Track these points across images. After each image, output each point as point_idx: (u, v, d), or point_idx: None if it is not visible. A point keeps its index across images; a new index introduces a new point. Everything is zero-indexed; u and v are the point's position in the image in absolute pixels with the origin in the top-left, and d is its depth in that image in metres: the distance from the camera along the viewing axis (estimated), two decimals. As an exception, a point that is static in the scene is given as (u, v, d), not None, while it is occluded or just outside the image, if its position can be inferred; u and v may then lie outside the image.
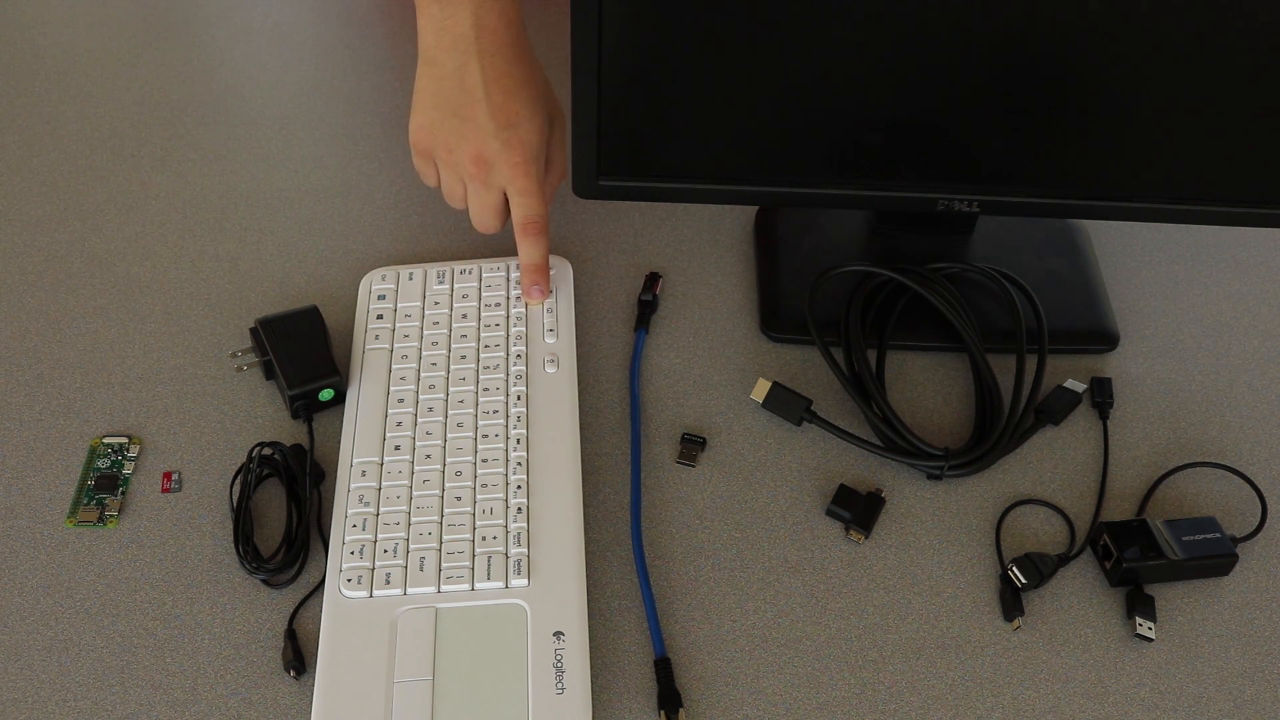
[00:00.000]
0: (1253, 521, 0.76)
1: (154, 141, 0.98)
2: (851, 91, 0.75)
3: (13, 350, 0.83)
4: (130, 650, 0.69)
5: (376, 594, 0.69)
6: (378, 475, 0.74)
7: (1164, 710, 0.68)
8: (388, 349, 0.81)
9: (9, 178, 0.95)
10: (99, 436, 0.78)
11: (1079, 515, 0.76)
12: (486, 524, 0.72)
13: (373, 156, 0.97)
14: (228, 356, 0.83)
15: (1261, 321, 0.88)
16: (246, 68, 1.05)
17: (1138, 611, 0.71)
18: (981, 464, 0.77)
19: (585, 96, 0.76)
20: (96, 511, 0.74)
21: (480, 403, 0.78)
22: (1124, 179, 0.79)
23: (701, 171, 0.80)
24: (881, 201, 0.81)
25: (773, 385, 0.80)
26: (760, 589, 0.72)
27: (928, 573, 0.73)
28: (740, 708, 0.68)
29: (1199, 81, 0.73)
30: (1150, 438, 0.81)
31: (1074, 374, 0.84)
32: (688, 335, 0.86)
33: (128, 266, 0.89)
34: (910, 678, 0.69)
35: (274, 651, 0.69)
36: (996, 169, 0.79)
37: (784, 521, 0.76)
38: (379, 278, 0.85)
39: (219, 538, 0.74)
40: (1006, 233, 0.90)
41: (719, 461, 0.78)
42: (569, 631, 0.68)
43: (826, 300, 0.85)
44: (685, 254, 0.91)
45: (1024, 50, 0.72)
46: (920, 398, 0.82)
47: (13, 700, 0.67)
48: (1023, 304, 0.85)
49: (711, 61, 0.74)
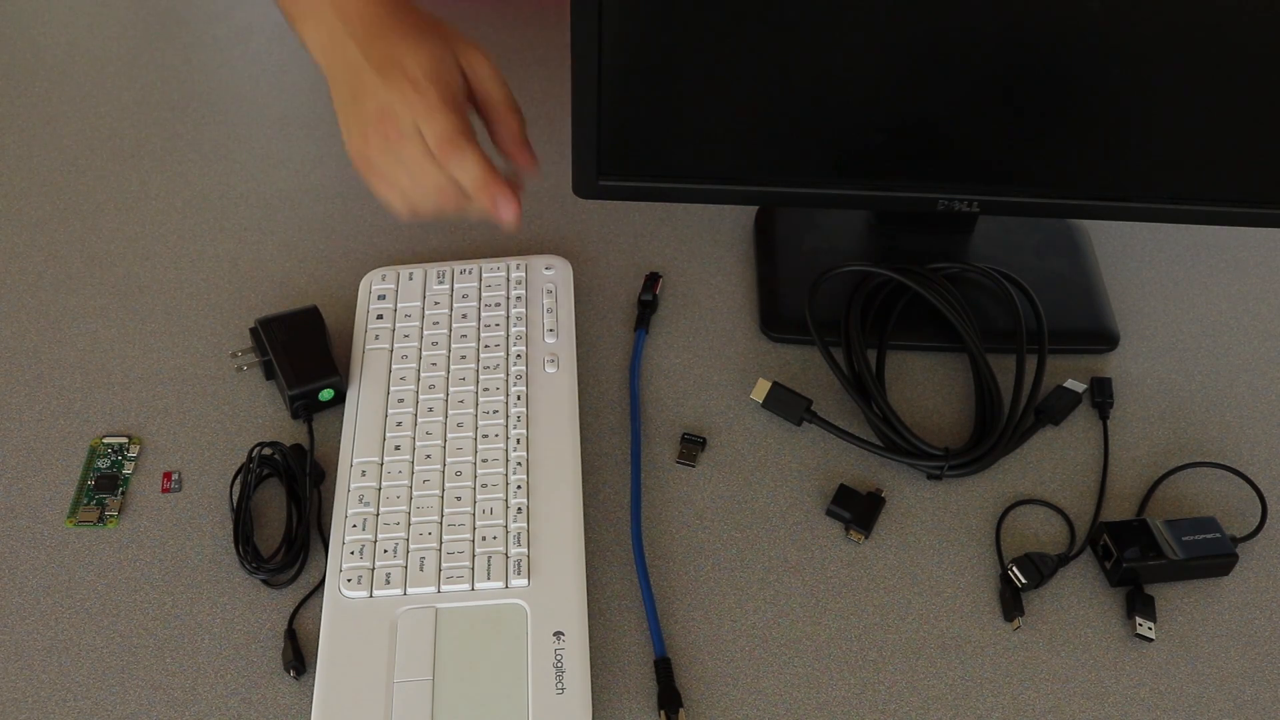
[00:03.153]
0: (1253, 521, 0.76)
1: (154, 141, 0.98)
2: (851, 91, 0.75)
3: (13, 350, 0.83)
4: (130, 650, 0.69)
5: (376, 594, 0.69)
6: (378, 475, 0.74)
7: (1164, 710, 0.68)
8: (388, 349, 0.81)
9: (9, 178, 0.95)
10: (99, 436, 0.78)
11: (1079, 515, 0.76)
12: (486, 524, 0.72)
13: (373, 156, 0.97)
14: (228, 356, 0.83)
15: (1261, 321, 0.88)
16: (246, 68, 1.05)
17: (1138, 611, 0.71)
18: (981, 464, 0.77)
19: (585, 96, 0.76)
20: (96, 511, 0.74)
21: (480, 403, 0.78)
22: (1124, 179, 0.79)
23: (701, 171, 0.80)
24: (881, 201, 0.81)
25: (773, 385, 0.80)
26: (760, 589, 0.72)
27: (928, 573, 0.73)
28: (740, 708, 0.68)
29: (1199, 81, 0.73)
30: (1150, 438, 0.81)
31: (1074, 374, 0.84)
32: (688, 335, 0.86)
33: (128, 266, 0.89)
34: (910, 678, 0.69)
35: (274, 651, 0.69)
36: (996, 169, 0.79)
37: (784, 521, 0.76)
38: (379, 278, 0.85)
39: (219, 538, 0.74)
40: (1006, 233, 0.90)
41: (719, 461, 0.78)
42: (569, 631, 0.68)
43: (826, 300, 0.85)
44: (685, 254, 0.91)
45: (1024, 50, 0.72)
46: (920, 398, 0.82)
47: (13, 700, 0.67)
48: (1023, 304, 0.85)
49: (711, 61, 0.74)
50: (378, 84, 0.72)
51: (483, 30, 1.08)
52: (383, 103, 0.72)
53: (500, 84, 0.77)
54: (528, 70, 1.05)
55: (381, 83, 0.72)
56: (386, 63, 0.72)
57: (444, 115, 0.72)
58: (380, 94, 0.72)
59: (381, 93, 0.72)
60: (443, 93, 0.73)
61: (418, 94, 0.72)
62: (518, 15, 1.11)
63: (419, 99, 0.72)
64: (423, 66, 0.72)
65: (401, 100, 0.72)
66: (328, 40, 0.74)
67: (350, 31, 0.73)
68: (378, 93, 0.72)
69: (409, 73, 0.72)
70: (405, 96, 0.72)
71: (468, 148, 0.72)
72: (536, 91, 1.03)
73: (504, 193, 0.72)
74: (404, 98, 0.72)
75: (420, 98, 0.72)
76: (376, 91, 0.72)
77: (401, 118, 0.72)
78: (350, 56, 0.73)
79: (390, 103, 0.72)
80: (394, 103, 0.72)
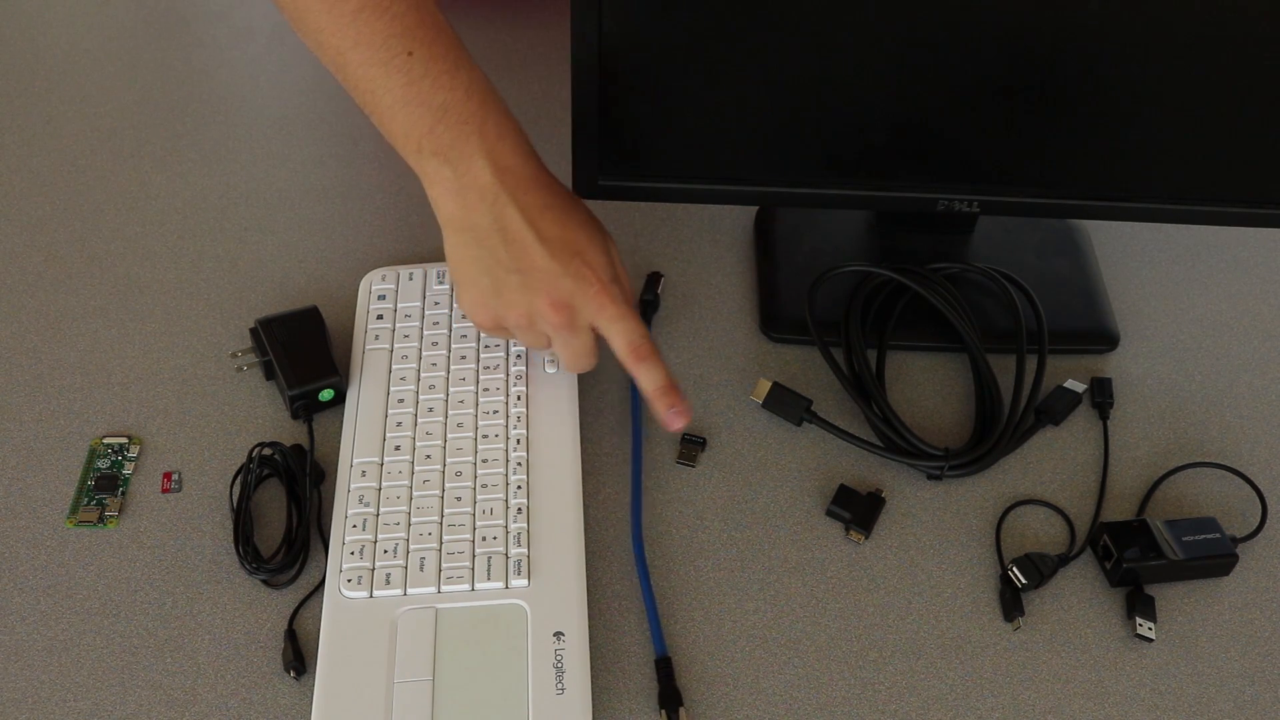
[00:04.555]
0: (1253, 521, 0.76)
1: (154, 141, 0.98)
2: (851, 91, 0.75)
3: (13, 350, 0.83)
4: (130, 650, 0.69)
5: (376, 594, 0.69)
6: (378, 475, 0.74)
7: (1164, 710, 0.68)
8: (388, 349, 0.81)
9: (9, 178, 0.95)
10: (99, 436, 0.78)
11: (1079, 515, 0.76)
12: (486, 524, 0.72)
13: (373, 156, 0.97)
14: (228, 356, 0.83)
15: (1261, 321, 0.88)
16: (246, 68, 1.05)
17: (1138, 611, 0.71)
18: (981, 464, 0.77)
19: (585, 96, 0.76)
20: (96, 511, 0.74)
21: (480, 403, 0.78)
22: (1124, 179, 0.79)
23: (701, 171, 0.80)
24: (881, 201, 0.81)
25: (773, 385, 0.80)
26: (760, 589, 0.72)
27: (928, 573, 0.73)
28: (741, 707, 0.68)
29: (1199, 81, 0.73)
30: (1150, 438, 0.81)
31: (1074, 374, 0.84)
32: (688, 335, 0.86)
33: (128, 266, 0.89)
34: (910, 678, 0.69)
35: (274, 652, 0.69)
36: (996, 169, 0.79)
37: (784, 521, 0.76)
38: (379, 278, 0.85)
39: (219, 538, 0.74)
40: (1006, 233, 0.90)
41: (719, 462, 0.78)
42: (569, 631, 0.68)
43: (826, 300, 0.85)
44: (685, 254, 0.91)
45: (1024, 50, 0.72)
46: (920, 398, 0.82)
47: (13, 700, 0.67)
48: (1023, 304, 0.85)
49: (711, 61, 0.74)
50: (556, 272, 0.71)
51: (483, 30, 1.08)
52: (560, 294, 0.71)
53: (626, 280, 0.76)
54: (528, 70, 1.05)
55: (561, 271, 0.71)
56: (564, 250, 0.71)
57: (635, 322, 0.72)
58: (561, 284, 0.71)
59: (564, 282, 0.71)
60: (625, 293, 0.73)
61: (606, 295, 0.71)
62: (518, 15, 1.11)
63: (607, 300, 0.71)
64: (601, 260, 0.72)
65: (582, 294, 0.71)
66: (476, 199, 0.70)
67: (510, 192, 0.70)
68: (558, 283, 0.71)
69: (591, 264, 0.71)
70: (586, 290, 0.71)
71: (656, 357, 0.73)
72: (536, 91, 1.03)
73: (679, 405, 0.73)
74: (585, 291, 0.71)
75: (609, 299, 0.72)
76: (556, 281, 0.71)
77: (580, 313, 0.72)
78: (511, 226, 0.70)
79: (569, 293, 0.71)
80: (574, 294, 0.71)
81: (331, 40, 0.67)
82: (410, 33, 0.66)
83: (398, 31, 0.66)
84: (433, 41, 0.67)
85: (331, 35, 0.66)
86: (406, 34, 0.66)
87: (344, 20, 0.66)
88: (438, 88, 0.67)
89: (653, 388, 0.73)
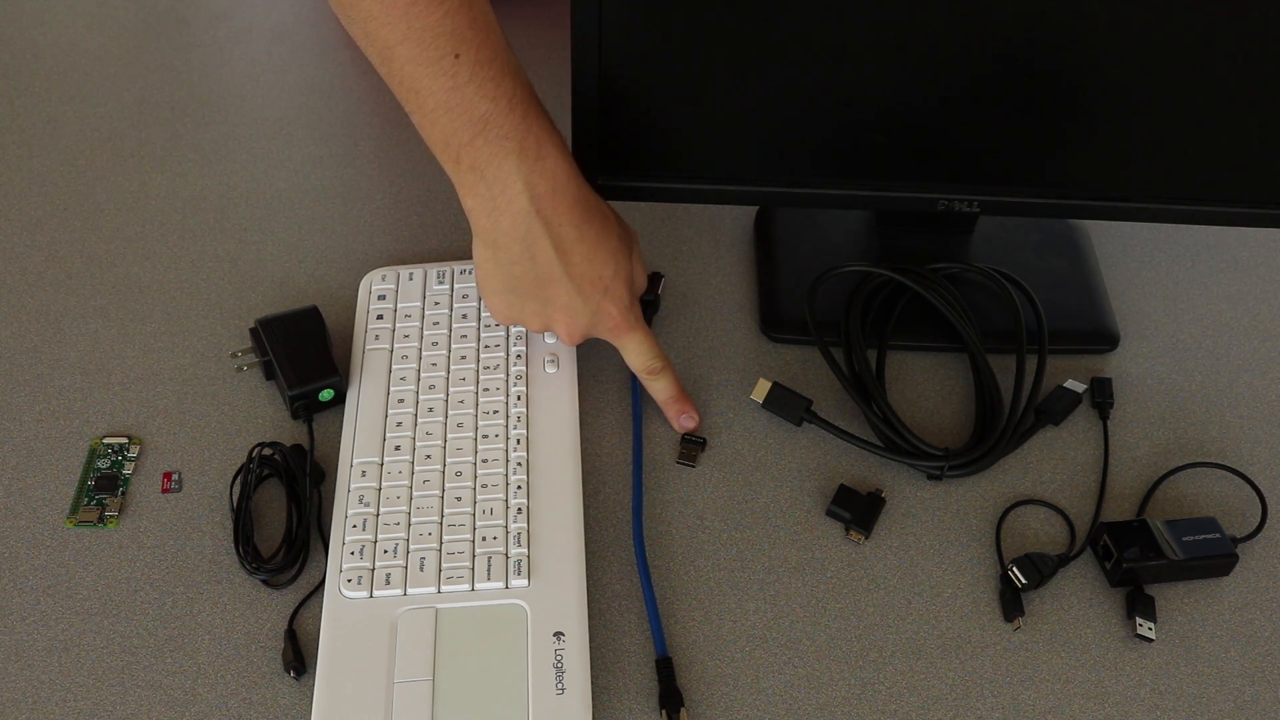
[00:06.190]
0: (1253, 521, 0.76)
1: (154, 141, 0.98)
2: (851, 91, 0.75)
3: (13, 350, 0.83)
4: (130, 650, 0.69)
5: (376, 594, 0.69)
6: (378, 475, 0.74)
7: (1164, 710, 0.68)
8: (388, 349, 0.81)
9: (9, 178, 0.95)
10: (99, 436, 0.78)
11: (1079, 515, 0.76)
12: (486, 524, 0.72)
13: (373, 156, 0.97)
14: (228, 356, 0.83)
15: (1261, 321, 0.88)
16: (246, 68, 1.05)
17: (1138, 611, 0.71)
18: (981, 464, 0.77)
19: (585, 96, 0.76)
20: (96, 511, 0.74)
21: (480, 403, 0.78)
22: (1124, 179, 0.79)
23: (701, 171, 0.80)
24: (881, 201, 0.81)
25: (773, 385, 0.80)
26: (761, 589, 0.72)
27: (928, 573, 0.73)
28: (741, 707, 0.68)
29: (1200, 81, 0.73)
30: (1150, 438, 0.81)
31: (1074, 374, 0.84)
32: (688, 335, 0.86)
33: (128, 266, 0.89)
34: (910, 678, 0.69)
35: (274, 652, 0.69)
36: (996, 169, 0.79)
37: (784, 521, 0.76)
38: (379, 278, 0.85)
39: (219, 538, 0.74)
40: (1006, 233, 0.90)
41: (719, 462, 0.78)
42: (569, 631, 0.68)
43: (826, 300, 0.85)
44: (685, 254, 0.91)
45: (1024, 50, 0.72)
46: (920, 398, 0.82)
47: (13, 700, 0.67)
48: (1023, 304, 0.85)
49: (711, 62, 0.74)
50: (578, 308, 0.75)
51: (483, 30, 1.08)
52: (579, 325, 0.76)
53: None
54: (528, 70, 1.05)
55: (583, 306, 0.74)
56: (589, 286, 0.74)
57: (650, 342, 0.77)
58: (580, 317, 0.75)
59: (584, 316, 0.75)
60: (638, 317, 0.77)
61: (624, 323, 0.76)
62: (518, 15, 1.11)
63: (625, 330, 0.76)
64: (624, 294, 0.75)
65: (607, 329, 0.76)
66: (510, 223, 0.71)
67: (543, 220, 0.71)
68: (578, 316, 0.75)
69: (614, 298, 0.75)
70: (605, 323, 0.76)
71: (669, 371, 0.78)
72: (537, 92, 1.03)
73: (689, 410, 0.79)
74: (603, 324, 0.76)
75: (626, 327, 0.76)
76: (577, 314, 0.75)
77: (597, 335, 0.77)
78: (540, 255, 0.72)
79: (587, 325, 0.76)
80: (591, 326, 0.76)
81: (381, 31, 0.65)
82: (460, 34, 0.66)
83: (448, 30, 0.65)
84: (481, 45, 0.67)
85: (382, 25, 0.65)
86: (456, 34, 0.66)
87: (397, 11, 0.64)
88: (481, 95, 0.67)
89: (664, 398, 0.79)
